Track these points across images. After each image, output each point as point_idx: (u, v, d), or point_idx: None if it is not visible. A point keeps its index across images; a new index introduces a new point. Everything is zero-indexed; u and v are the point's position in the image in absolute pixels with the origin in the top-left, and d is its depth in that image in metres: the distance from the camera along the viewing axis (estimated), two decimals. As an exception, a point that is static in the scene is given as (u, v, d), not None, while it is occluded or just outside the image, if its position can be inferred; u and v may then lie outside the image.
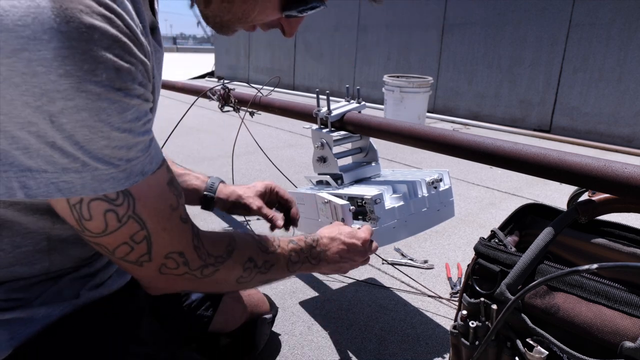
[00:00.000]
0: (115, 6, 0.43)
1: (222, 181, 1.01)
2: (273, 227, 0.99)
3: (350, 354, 1.28)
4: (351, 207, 0.96)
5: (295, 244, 0.72)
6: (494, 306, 0.70)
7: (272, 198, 1.03)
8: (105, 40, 0.41)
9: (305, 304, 1.52)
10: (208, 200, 0.97)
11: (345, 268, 0.82)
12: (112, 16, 0.42)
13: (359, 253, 0.82)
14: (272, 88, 1.60)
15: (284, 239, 0.70)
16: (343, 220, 0.96)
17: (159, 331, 0.73)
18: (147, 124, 0.49)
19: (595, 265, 0.55)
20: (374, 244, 0.87)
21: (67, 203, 0.46)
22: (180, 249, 0.55)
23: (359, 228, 0.86)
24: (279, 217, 0.99)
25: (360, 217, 0.99)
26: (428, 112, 5.36)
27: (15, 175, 0.43)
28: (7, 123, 0.40)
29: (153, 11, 0.61)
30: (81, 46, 0.40)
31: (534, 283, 0.62)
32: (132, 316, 0.65)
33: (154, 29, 0.61)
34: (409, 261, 1.82)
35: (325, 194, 1.01)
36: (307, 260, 0.74)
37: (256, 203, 0.98)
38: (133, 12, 0.46)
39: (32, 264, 0.54)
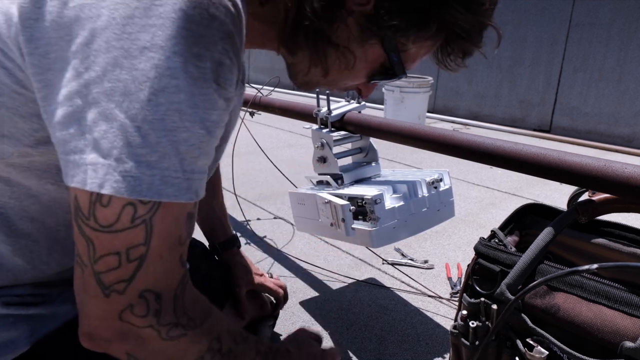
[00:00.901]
0: (240, 7, 0.44)
1: (238, 247, 1.04)
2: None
3: (350, 354, 1.28)
4: (351, 207, 0.96)
5: (263, 345, 0.62)
6: (494, 306, 0.70)
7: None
8: (220, 32, 0.42)
9: (305, 304, 1.52)
10: (216, 249, 1.03)
11: None
12: (235, 13, 0.44)
13: None
14: (272, 88, 1.60)
15: (253, 337, 0.61)
16: (343, 220, 0.96)
17: None
18: (216, 141, 0.47)
19: (595, 265, 0.55)
20: None
21: None
22: (161, 290, 0.47)
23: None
24: (247, 315, 0.99)
25: (360, 217, 0.99)
26: (428, 112, 5.36)
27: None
28: (102, 96, 0.40)
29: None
30: (199, 30, 0.41)
31: (534, 283, 0.62)
32: None
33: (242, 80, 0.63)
34: (409, 261, 1.82)
35: (325, 194, 1.01)
36: None
37: (240, 294, 0.99)
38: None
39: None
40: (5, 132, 0.46)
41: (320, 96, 1.19)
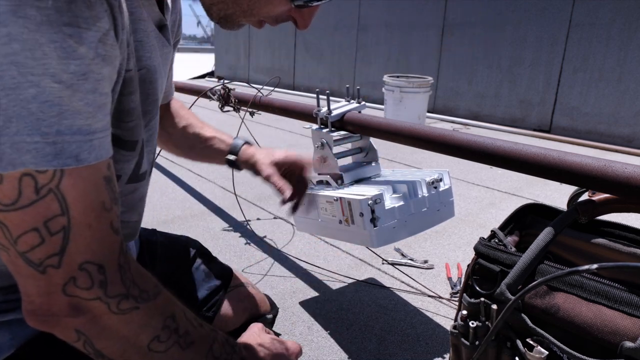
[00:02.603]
0: None
1: (247, 142, 1.01)
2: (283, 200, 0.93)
3: (350, 354, 1.28)
4: (369, 201, 0.93)
5: (219, 335, 0.57)
6: (494, 306, 0.70)
7: (291, 169, 0.99)
8: None
9: (305, 304, 1.52)
10: (231, 162, 0.99)
11: None
12: None
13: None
14: (272, 88, 1.60)
15: (208, 325, 0.56)
16: (361, 214, 0.94)
17: None
18: (101, 97, 0.41)
19: (595, 265, 0.55)
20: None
21: None
22: (102, 260, 0.43)
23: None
24: (287, 189, 0.91)
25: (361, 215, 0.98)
26: (428, 112, 5.36)
27: None
28: None
29: (162, 10, 0.61)
30: None
31: (534, 283, 0.62)
32: None
33: (162, 27, 0.60)
34: (409, 261, 1.82)
35: (331, 193, 1.01)
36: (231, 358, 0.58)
37: (267, 171, 0.94)
38: None
39: None
40: None
41: (321, 96, 1.19)
